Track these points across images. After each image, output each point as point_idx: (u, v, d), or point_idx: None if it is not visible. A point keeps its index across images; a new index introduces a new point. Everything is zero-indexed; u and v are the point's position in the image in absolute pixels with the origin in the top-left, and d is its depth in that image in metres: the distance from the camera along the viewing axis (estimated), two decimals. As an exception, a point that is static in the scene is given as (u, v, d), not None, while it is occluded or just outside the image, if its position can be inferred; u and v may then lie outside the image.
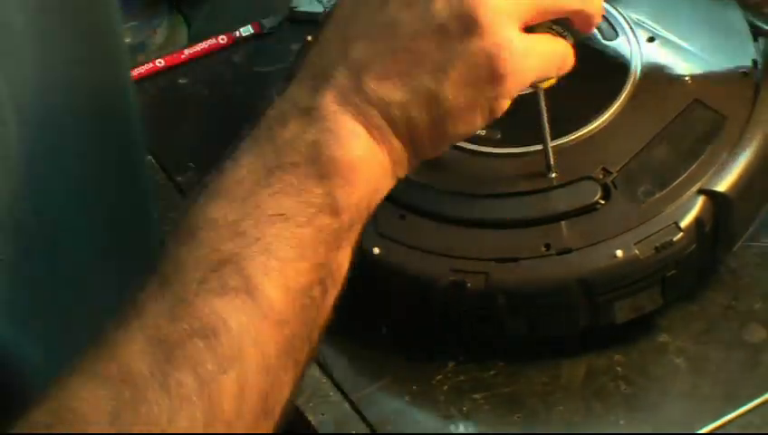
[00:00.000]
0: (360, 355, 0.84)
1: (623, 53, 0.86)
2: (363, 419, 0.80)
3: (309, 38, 0.94)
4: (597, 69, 0.85)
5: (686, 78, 0.83)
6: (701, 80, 0.83)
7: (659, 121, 0.81)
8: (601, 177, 0.80)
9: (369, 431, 0.80)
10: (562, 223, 0.79)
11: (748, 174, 0.79)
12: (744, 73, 0.83)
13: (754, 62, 0.83)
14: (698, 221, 0.78)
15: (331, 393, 0.82)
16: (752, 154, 0.79)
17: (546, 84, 0.78)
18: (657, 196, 0.78)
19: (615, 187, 0.79)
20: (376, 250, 0.81)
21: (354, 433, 0.80)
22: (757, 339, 0.82)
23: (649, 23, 0.87)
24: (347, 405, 0.81)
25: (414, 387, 0.82)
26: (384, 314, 0.84)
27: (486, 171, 0.82)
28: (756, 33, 0.85)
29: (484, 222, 0.80)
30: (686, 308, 0.84)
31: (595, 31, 0.87)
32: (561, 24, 0.88)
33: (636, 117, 0.82)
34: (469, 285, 0.78)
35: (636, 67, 0.84)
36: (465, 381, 0.81)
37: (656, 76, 0.84)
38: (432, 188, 0.82)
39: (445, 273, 0.79)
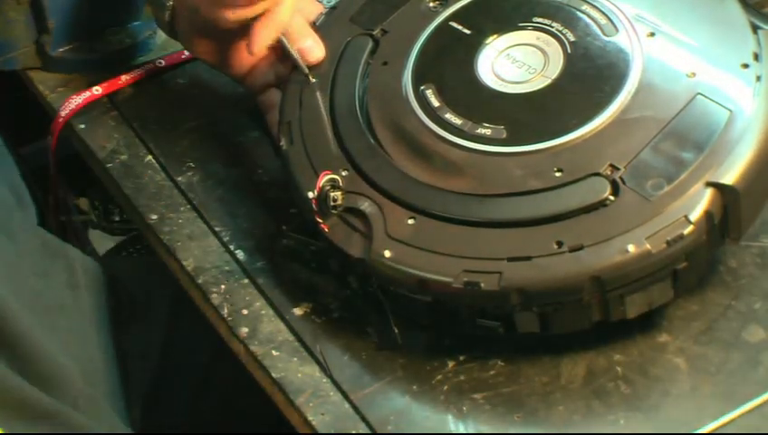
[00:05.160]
0: (359, 355, 0.84)
1: (624, 48, 0.86)
2: (363, 419, 0.80)
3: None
4: (599, 66, 0.85)
5: (688, 72, 0.83)
6: (703, 73, 0.83)
7: (664, 116, 0.82)
8: (609, 173, 0.80)
9: (369, 431, 0.80)
10: (573, 220, 0.79)
11: (755, 165, 0.79)
12: (745, 65, 0.83)
13: (755, 54, 0.83)
14: (708, 214, 0.78)
15: (331, 393, 0.82)
16: (758, 146, 0.80)
17: None
18: (666, 190, 0.78)
19: (623, 182, 0.79)
20: (387, 253, 0.81)
21: (354, 433, 0.80)
22: (757, 339, 0.82)
23: (649, 17, 0.87)
24: (347, 405, 0.81)
25: (414, 387, 0.82)
26: (394, 315, 0.84)
27: (495, 171, 0.83)
28: (756, 26, 0.85)
29: (494, 222, 0.81)
30: (686, 308, 0.84)
31: (595, 27, 0.87)
32: (559, 23, 0.88)
33: (640, 112, 0.82)
34: (482, 285, 0.78)
35: (637, 63, 0.84)
36: (465, 381, 0.82)
37: (658, 71, 0.84)
38: (441, 189, 0.83)
39: (458, 274, 0.79)
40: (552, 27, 0.88)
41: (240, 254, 0.92)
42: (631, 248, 0.77)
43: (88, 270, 0.99)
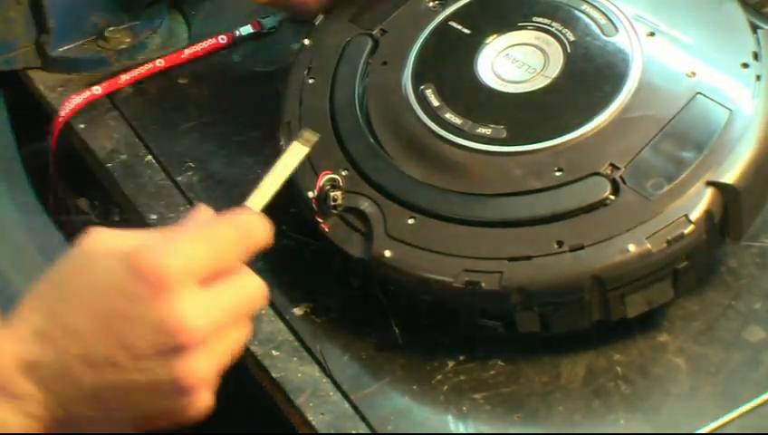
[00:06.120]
0: (359, 355, 0.84)
1: (624, 48, 0.86)
2: (363, 419, 0.80)
3: (306, 41, 0.94)
4: (598, 65, 0.85)
5: (688, 72, 0.83)
6: (703, 73, 0.83)
7: (664, 116, 0.81)
8: (609, 172, 0.80)
9: (369, 431, 0.80)
10: (573, 220, 0.79)
11: (755, 165, 0.79)
12: (745, 65, 0.83)
13: (754, 54, 0.83)
14: (708, 213, 0.78)
15: (331, 393, 0.82)
16: (758, 145, 0.80)
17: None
18: (666, 189, 0.78)
19: (624, 181, 0.79)
20: (387, 253, 0.81)
21: (354, 433, 0.80)
22: (757, 339, 0.82)
23: (648, 17, 0.87)
24: (347, 405, 0.81)
25: (414, 387, 0.82)
26: (394, 315, 0.84)
27: (495, 171, 0.83)
28: (755, 26, 0.85)
29: (494, 221, 0.80)
30: (686, 308, 0.84)
31: (595, 27, 0.87)
32: (559, 22, 0.88)
33: (640, 112, 0.82)
34: (483, 284, 0.78)
35: (637, 62, 0.84)
36: (465, 381, 0.81)
37: (658, 71, 0.84)
38: (441, 189, 0.83)
39: (458, 274, 0.79)
40: (552, 27, 0.88)
41: (240, 254, 0.92)
42: (632, 248, 0.77)
43: None
